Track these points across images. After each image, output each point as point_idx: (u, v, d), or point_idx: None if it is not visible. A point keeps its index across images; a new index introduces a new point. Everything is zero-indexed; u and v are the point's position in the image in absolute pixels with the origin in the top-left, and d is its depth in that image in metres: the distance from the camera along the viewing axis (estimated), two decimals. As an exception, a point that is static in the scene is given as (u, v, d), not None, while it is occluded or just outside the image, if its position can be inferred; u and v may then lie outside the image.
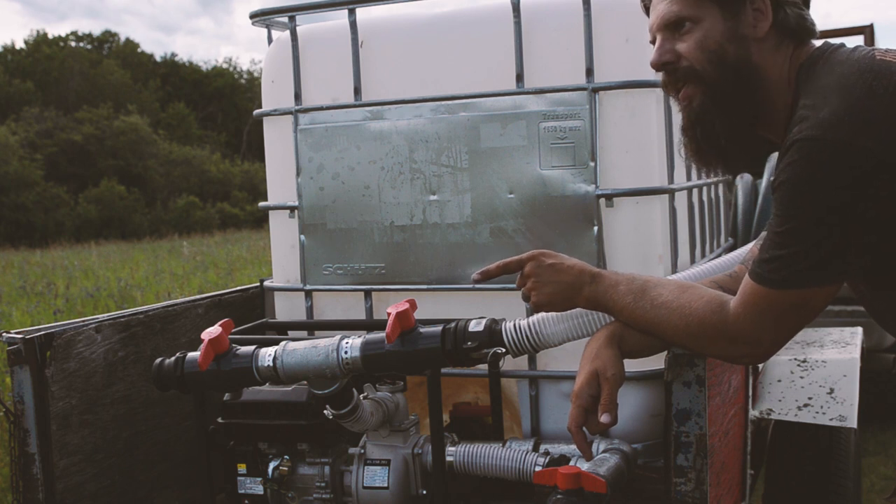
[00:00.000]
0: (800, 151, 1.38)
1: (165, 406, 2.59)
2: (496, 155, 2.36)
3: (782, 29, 1.55)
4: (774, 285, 1.45)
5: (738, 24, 1.54)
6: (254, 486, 2.28)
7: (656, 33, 1.62)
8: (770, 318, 1.48)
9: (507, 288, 2.37)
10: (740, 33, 1.54)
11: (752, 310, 1.49)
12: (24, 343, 2.20)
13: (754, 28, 1.54)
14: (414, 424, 2.27)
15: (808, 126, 1.39)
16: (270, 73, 2.67)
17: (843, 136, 1.35)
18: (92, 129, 34.87)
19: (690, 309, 1.57)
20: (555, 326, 1.76)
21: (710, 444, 1.71)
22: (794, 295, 1.45)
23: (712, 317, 1.54)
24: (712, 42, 1.55)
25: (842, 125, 1.36)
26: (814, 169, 1.37)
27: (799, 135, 1.39)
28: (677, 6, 1.57)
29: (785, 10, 1.54)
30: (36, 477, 2.21)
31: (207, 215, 34.44)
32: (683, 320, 1.57)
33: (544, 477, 1.73)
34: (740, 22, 1.54)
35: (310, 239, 2.59)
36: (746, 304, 1.50)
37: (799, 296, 1.45)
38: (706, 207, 2.88)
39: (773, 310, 1.47)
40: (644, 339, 1.69)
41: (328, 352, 1.90)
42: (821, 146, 1.36)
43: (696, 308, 1.56)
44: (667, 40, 1.60)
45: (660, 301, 1.60)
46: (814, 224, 1.38)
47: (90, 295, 10.57)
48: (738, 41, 1.54)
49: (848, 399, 2.47)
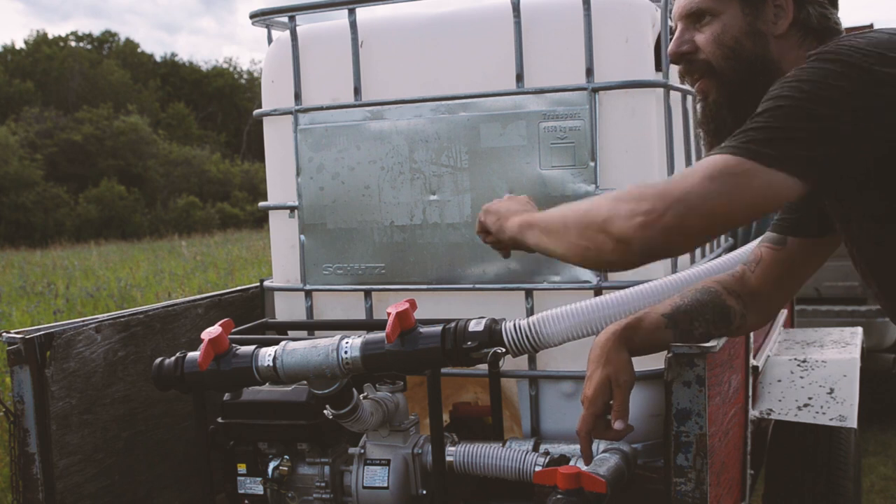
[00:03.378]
0: (809, 59, 1.34)
1: (165, 406, 2.59)
2: (496, 155, 2.36)
3: (804, 27, 1.53)
4: (737, 152, 1.31)
5: (757, 21, 1.53)
6: (254, 486, 2.28)
7: (677, 21, 1.61)
8: (699, 173, 1.30)
9: (508, 288, 2.37)
10: (759, 29, 1.53)
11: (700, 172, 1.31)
12: (24, 343, 2.20)
13: (774, 25, 1.53)
14: (414, 424, 2.27)
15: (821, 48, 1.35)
16: (270, 72, 2.67)
17: (864, 60, 1.30)
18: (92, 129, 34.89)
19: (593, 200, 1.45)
20: (555, 326, 1.76)
21: (710, 444, 1.71)
22: (754, 167, 1.28)
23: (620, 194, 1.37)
24: (729, 37, 1.54)
25: (865, 52, 1.31)
26: (821, 65, 1.32)
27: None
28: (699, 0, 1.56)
29: (808, 9, 1.52)
30: (36, 477, 2.21)
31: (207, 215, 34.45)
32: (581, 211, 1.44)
33: (544, 477, 1.73)
34: (760, 18, 1.53)
35: (310, 239, 2.59)
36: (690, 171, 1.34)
37: (757, 171, 1.28)
38: (706, 207, 2.88)
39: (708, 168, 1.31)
40: (651, 338, 1.69)
41: (328, 352, 1.90)
42: (832, 49, 1.32)
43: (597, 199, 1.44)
44: (686, 30, 1.59)
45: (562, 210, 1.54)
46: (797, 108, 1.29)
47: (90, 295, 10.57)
48: (756, 37, 1.53)
49: (848, 399, 2.47)
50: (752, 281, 1.76)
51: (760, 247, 1.79)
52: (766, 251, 1.76)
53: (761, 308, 1.78)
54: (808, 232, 1.70)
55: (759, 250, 1.79)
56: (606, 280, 2.28)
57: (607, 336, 1.69)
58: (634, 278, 2.02)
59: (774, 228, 1.77)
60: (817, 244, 1.71)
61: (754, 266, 1.77)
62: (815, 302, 5.12)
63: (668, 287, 1.86)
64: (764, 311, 1.80)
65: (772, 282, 1.75)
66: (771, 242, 1.76)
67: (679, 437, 1.70)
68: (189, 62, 51.36)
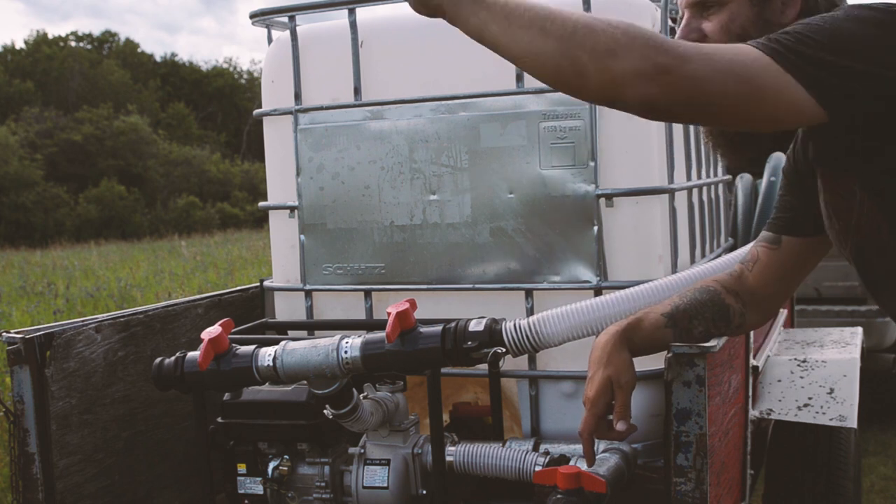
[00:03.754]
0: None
1: (165, 406, 2.59)
2: (496, 155, 2.36)
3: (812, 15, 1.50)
4: (762, 48, 1.24)
5: (765, 10, 1.51)
6: (254, 486, 2.28)
7: (684, 9, 1.60)
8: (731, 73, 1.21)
9: (508, 288, 2.37)
10: (767, 18, 1.51)
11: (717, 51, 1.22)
12: (24, 343, 2.20)
13: (782, 14, 1.51)
14: (414, 424, 2.27)
15: None
16: (270, 72, 2.67)
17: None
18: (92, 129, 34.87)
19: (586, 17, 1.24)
20: (555, 326, 1.76)
21: (710, 444, 1.71)
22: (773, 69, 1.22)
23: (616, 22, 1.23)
24: (737, 26, 1.52)
25: None
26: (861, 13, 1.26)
27: None
28: None
29: None
30: (36, 477, 2.21)
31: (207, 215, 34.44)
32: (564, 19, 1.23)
33: (544, 477, 1.74)
34: (768, 7, 1.51)
35: (310, 239, 2.59)
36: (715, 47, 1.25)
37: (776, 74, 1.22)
38: (706, 207, 2.88)
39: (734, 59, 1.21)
40: (652, 338, 1.69)
41: (328, 351, 1.90)
42: (869, 7, 1.28)
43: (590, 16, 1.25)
44: (693, 18, 1.57)
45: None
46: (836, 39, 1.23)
47: (90, 295, 10.57)
48: (763, 26, 1.50)
49: (848, 399, 2.48)
50: (750, 280, 1.76)
51: (757, 246, 1.79)
52: (762, 251, 1.76)
53: (760, 307, 1.79)
54: (803, 231, 1.70)
55: (755, 250, 1.79)
56: (606, 280, 2.28)
57: (608, 337, 1.68)
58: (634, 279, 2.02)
59: (769, 228, 1.78)
60: (812, 243, 1.71)
61: (752, 265, 1.77)
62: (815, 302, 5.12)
63: (668, 287, 1.86)
64: (763, 309, 1.80)
65: (769, 281, 1.75)
66: (766, 242, 1.76)
67: (679, 437, 1.70)
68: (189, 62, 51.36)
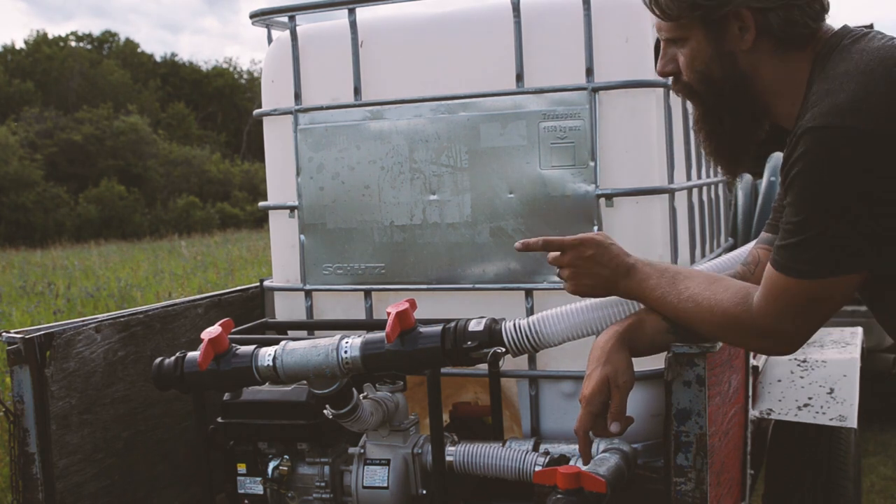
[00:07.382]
0: (814, 140, 1.36)
1: (165, 406, 2.59)
2: (496, 155, 2.36)
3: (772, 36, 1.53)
4: (795, 274, 1.43)
5: (722, 42, 1.54)
6: (254, 486, 2.28)
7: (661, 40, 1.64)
8: (793, 310, 1.47)
9: (508, 288, 2.37)
10: (725, 50, 1.55)
11: (774, 303, 1.48)
12: (24, 343, 2.20)
13: (741, 41, 1.53)
14: (414, 424, 2.27)
15: (822, 113, 1.36)
16: (270, 72, 2.67)
17: (860, 123, 1.33)
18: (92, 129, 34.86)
19: (716, 301, 1.57)
20: (555, 326, 1.76)
21: (710, 444, 1.71)
22: (816, 285, 1.42)
23: (736, 309, 1.54)
24: (699, 62, 1.57)
25: (860, 111, 1.34)
26: (831, 155, 1.35)
27: (812, 122, 1.37)
28: (665, 28, 1.60)
29: (769, 19, 1.50)
30: (36, 477, 2.21)
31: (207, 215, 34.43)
32: (711, 314, 1.58)
33: (544, 477, 1.73)
34: (724, 38, 1.54)
35: (310, 239, 2.59)
36: (768, 296, 1.49)
37: (821, 286, 1.42)
38: (706, 207, 2.88)
39: (795, 302, 1.46)
40: (653, 339, 1.69)
41: (328, 351, 1.90)
42: (838, 133, 1.34)
43: (721, 301, 1.56)
44: (668, 48, 1.62)
45: (687, 294, 1.61)
46: (832, 211, 1.36)
47: (90, 295, 10.57)
48: (724, 59, 1.55)
49: (848, 399, 2.48)
50: (751, 281, 1.76)
51: (757, 248, 1.80)
52: (762, 252, 1.77)
53: None
54: None
55: (755, 251, 1.80)
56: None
57: (608, 336, 1.68)
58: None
59: (769, 229, 1.78)
60: None
61: (753, 268, 1.78)
62: None
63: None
64: None
65: None
66: (766, 243, 1.77)
67: (679, 437, 1.70)
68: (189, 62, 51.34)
